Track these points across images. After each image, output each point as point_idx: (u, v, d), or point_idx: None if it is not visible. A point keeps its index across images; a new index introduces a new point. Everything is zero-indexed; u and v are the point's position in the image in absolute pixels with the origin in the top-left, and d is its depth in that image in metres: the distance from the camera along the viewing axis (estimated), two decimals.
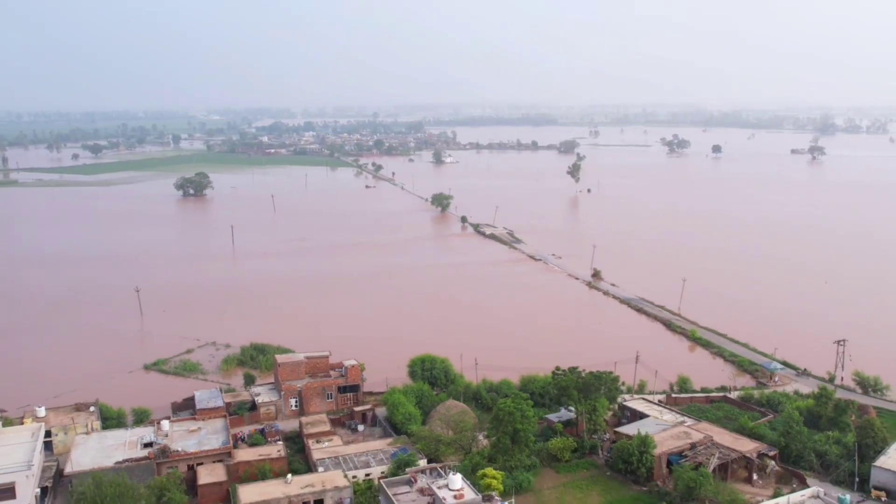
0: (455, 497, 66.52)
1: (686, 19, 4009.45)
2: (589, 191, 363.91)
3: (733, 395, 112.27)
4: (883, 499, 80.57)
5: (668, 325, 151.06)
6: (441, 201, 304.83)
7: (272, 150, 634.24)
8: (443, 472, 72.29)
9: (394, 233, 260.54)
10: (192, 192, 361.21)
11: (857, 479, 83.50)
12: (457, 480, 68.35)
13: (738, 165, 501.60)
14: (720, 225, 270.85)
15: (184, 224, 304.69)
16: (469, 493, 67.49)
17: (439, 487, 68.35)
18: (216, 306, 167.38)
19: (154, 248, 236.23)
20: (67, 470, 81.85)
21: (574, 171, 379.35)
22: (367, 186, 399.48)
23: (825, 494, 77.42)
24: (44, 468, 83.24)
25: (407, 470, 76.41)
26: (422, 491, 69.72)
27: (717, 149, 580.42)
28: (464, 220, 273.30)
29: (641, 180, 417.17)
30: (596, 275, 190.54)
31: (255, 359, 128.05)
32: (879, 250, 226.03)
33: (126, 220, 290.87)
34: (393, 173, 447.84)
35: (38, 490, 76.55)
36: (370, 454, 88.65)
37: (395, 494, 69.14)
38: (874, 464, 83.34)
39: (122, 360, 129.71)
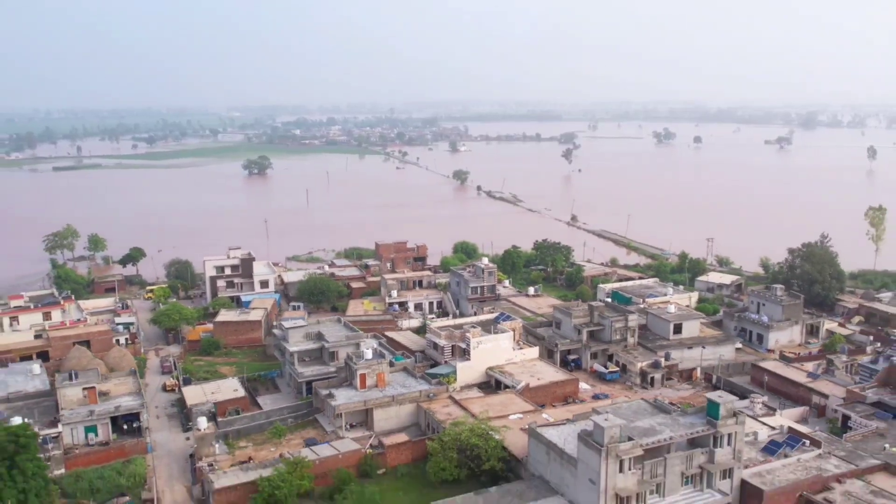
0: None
1: (686, 20, 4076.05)
2: (580, 170, 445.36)
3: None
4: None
5: (616, 242, 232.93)
6: (460, 176, 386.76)
7: (306, 141, 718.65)
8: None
9: (427, 196, 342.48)
10: (255, 171, 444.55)
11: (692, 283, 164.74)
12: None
13: (708, 153, 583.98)
14: (667, 185, 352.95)
15: (261, 191, 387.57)
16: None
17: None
18: (312, 233, 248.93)
19: (251, 205, 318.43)
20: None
21: (567, 154, 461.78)
22: (397, 168, 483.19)
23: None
24: None
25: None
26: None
27: (698, 139, 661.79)
28: (478, 188, 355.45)
29: (624, 162, 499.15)
30: (573, 218, 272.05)
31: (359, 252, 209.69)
32: (751, 201, 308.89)
33: (215, 189, 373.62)
34: (417, 158, 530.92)
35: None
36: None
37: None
38: (698, 278, 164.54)
39: (278, 254, 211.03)
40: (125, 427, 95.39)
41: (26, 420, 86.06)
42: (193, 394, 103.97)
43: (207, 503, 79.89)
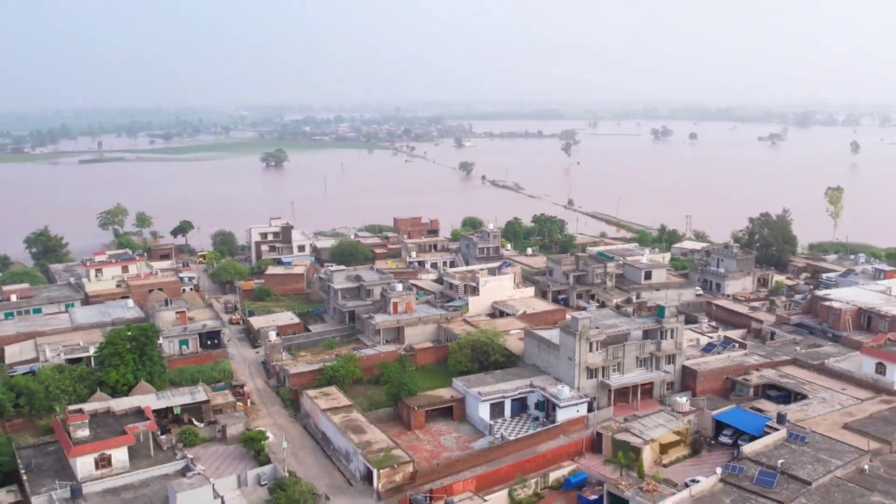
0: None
1: (685, 20, 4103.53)
2: (578, 163, 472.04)
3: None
4: None
5: (607, 221, 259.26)
6: (466, 167, 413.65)
7: (317, 137, 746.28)
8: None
9: (435, 185, 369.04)
10: (273, 163, 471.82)
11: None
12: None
13: (701, 149, 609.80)
14: (657, 175, 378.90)
15: (281, 181, 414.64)
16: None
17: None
18: (333, 214, 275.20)
19: (272, 192, 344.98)
20: None
21: (567, 148, 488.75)
22: (405, 161, 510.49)
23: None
24: None
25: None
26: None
27: (693, 136, 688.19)
28: (483, 178, 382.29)
29: (620, 156, 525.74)
30: (570, 202, 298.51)
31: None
32: (730, 186, 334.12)
33: (237, 179, 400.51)
34: (425, 152, 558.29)
35: None
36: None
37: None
38: (674, 245, 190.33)
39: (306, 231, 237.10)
40: (209, 342, 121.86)
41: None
42: (258, 321, 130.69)
43: (281, 385, 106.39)
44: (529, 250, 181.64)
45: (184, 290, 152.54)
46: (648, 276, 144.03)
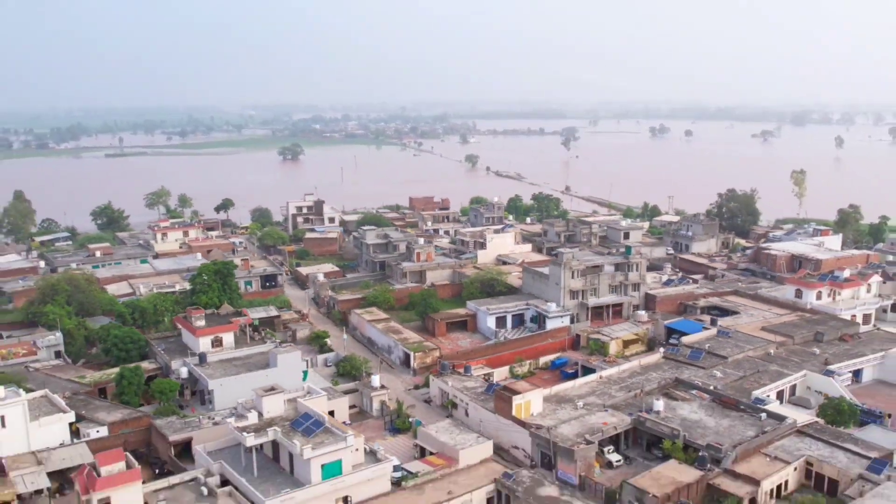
0: None
1: (685, 20, 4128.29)
2: (577, 157, 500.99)
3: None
4: None
5: (599, 203, 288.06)
6: (471, 160, 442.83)
7: (327, 134, 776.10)
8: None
9: (443, 175, 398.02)
10: (289, 156, 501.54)
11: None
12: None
13: (695, 145, 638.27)
14: (648, 165, 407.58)
15: (298, 172, 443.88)
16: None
17: None
18: (352, 198, 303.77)
19: (292, 181, 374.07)
20: None
21: (567, 143, 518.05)
22: (414, 155, 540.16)
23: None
24: None
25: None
26: None
27: (689, 133, 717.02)
28: (487, 168, 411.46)
29: (617, 150, 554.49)
30: (567, 188, 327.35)
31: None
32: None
33: (257, 171, 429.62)
34: (432, 147, 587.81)
35: None
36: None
37: None
38: (655, 218, 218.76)
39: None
40: (268, 284, 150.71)
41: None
42: (305, 269, 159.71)
43: (331, 313, 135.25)
44: (528, 219, 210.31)
45: (233, 251, 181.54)
46: (626, 236, 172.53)
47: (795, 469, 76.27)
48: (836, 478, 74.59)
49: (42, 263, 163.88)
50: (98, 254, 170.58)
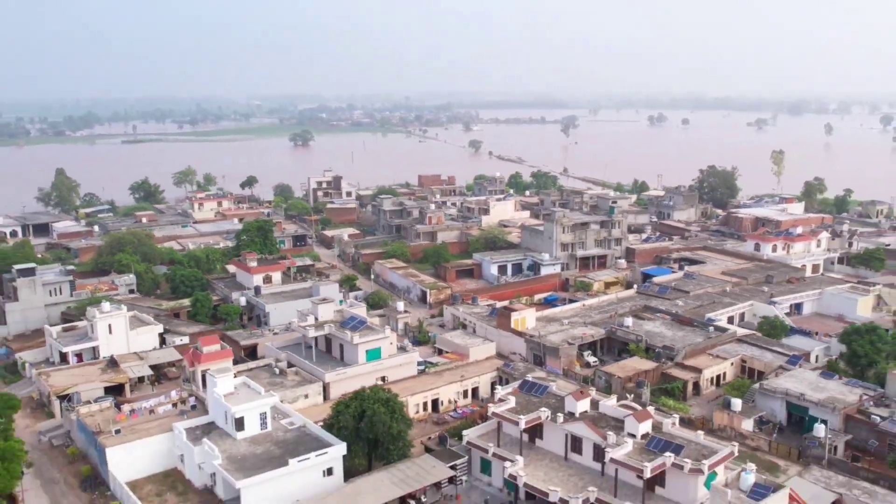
0: None
1: (686, 12, 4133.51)
2: (576, 143, 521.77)
3: None
4: None
5: (594, 182, 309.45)
6: (475, 145, 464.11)
7: (333, 123, 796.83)
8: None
9: (448, 159, 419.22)
10: (300, 142, 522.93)
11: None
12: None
13: (692, 133, 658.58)
14: (642, 150, 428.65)
15: (310, 157, 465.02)
16: None
17: None
18: (364, 177, 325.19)
19: (304, 165, 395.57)
20: None
21: (566, 129, 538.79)
22: (419, 141, 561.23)
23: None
24: None
25: None
26: None
27: (685, 121, 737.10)
28: (490, 153, 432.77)
29: (615, 137, 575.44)
30: (565, 170, 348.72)
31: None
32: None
33: (271, 155, 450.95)
34: (436, 134, 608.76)
35: None
36: None
37: None
38: (643, 193, 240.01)
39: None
40: (298, 244, 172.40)
41: None
42: (329, 232, 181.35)
43: (356, 265, 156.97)
44: (528, 192, 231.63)
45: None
46: (615, 204, 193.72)
47: (732, 364, 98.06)
48: (762, 370, 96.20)
49: (96, 228, 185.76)
50: (144, 220, 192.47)
